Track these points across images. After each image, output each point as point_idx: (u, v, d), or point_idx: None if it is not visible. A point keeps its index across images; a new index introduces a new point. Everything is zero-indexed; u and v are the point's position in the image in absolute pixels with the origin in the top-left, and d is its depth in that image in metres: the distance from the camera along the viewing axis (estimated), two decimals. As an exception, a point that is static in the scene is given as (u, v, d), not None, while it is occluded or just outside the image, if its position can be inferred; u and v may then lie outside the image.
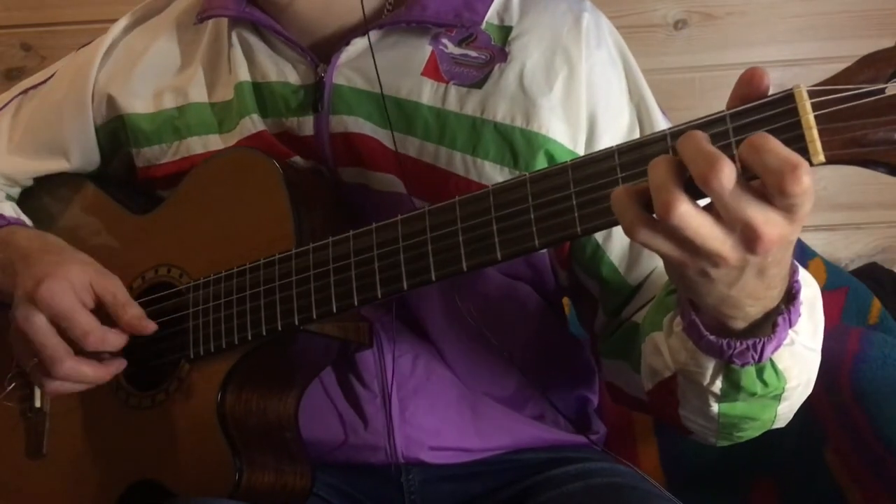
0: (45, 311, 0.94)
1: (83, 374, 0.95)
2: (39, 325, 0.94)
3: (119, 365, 0.98)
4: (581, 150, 0.98)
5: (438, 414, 1.04)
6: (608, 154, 0.72)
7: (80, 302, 0.95)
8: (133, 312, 0.97)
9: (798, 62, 1.70)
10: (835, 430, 1.18)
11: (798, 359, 0.79)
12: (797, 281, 0.75)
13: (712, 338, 0.76)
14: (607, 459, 1.11)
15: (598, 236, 0.99)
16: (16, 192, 1.19)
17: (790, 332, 0.76)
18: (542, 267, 1.05)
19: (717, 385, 0.81)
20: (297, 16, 1.02)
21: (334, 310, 0.87)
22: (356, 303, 0.86)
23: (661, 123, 1.00)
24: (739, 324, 0.75)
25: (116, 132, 1.13)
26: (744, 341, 0.75)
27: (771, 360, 0.77)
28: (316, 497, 1.02)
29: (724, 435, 0.90)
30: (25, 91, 1.20)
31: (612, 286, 1.00)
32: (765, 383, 0.79)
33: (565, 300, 1.16)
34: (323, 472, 1.03)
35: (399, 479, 1.05)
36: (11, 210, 1.14)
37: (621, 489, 0.99)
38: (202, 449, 0.95)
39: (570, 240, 0.88)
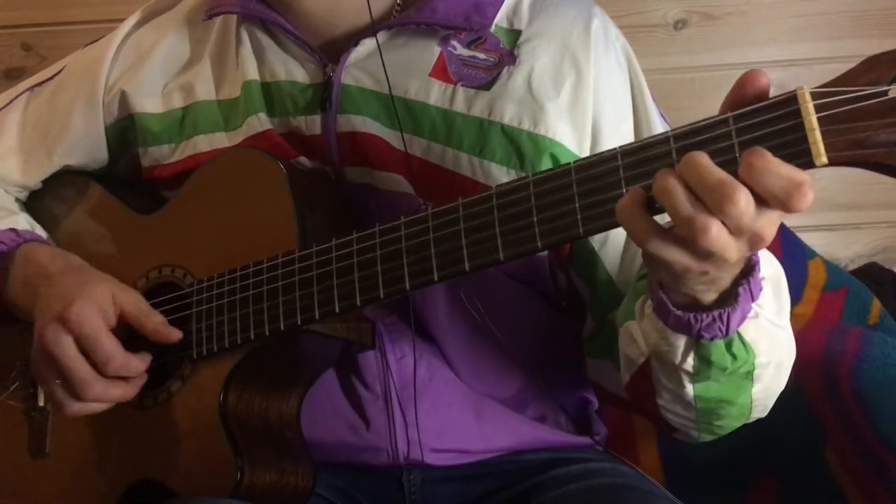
0: (73, 332, 0.93)
1: (112, 396, 0.95)
2: (68, 349, 0.93)
3: (141, 381, 0.97)
4: (586, 155, 0.98)
5: (441, 415, 1.04)
6: (611, 156, 0.72)
7: (107, 322, 0.95)
8: (156, 320, 0.97)
9: (798, 62, 1.70)
10: (835, 429, 1.18)
11: (764, 332, 0.82)
12: (754, 255, 0.77)
13: (679, 312, 0.78)
14: (609, 460, 1.11)
15: (595, 243, 1.00)
16: (24, 195, 1.19)
17: (754, 305, 0.79)
18: (541, 270, 1.05)
19: (690, 362, 0.83)
20: (306, 15, 1.02)
21: (337, 310, 0.87)
22: (359, 303, 0.86)
23: (659, 130, 1.00)
24: (711, 295, 0.77)
25: (126, 131, 1.13)
26: (710, 313, 0.78)
27: (738, 332, 0.80)
28: (317, 497, 1.02)
29: (704, 425, 0.92)
30: (32, 88, 1.20)
31: (603, 293, 1.01)
32: (734, 356, 0.82)
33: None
34: (325, 472, 1.03)
35: (400, 480, 1.05)
36: (26, 223, 1.13)
37: (622, 489, 0.99)
38: (204, 448, 0.95)
39: (573, 241, 0.88)
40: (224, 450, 0.92)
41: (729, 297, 0.77)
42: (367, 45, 1.01)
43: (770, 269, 0.83)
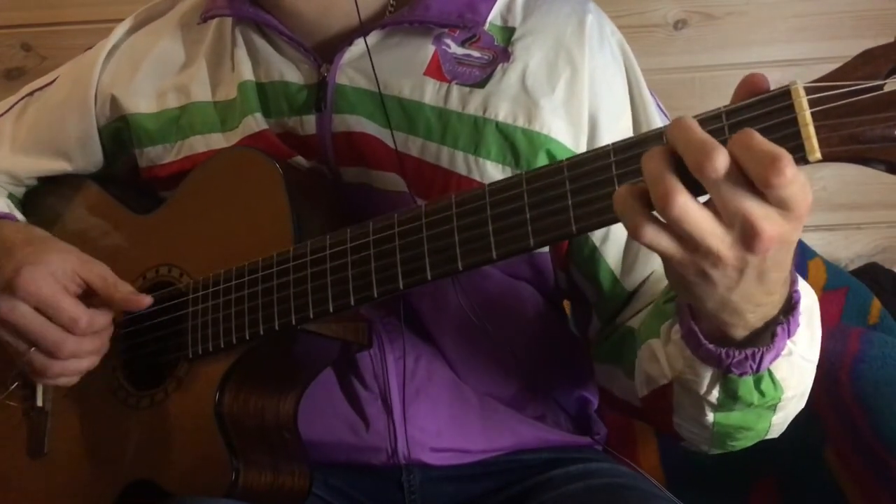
0: (27, 299, 0.94)
1: (86, 348, 0.95)
2: (26, 313, 0.94)
3: (109, 333, 0.97)
4: (582, 150, 0.98)
5: (440, 415, 1.04)
6: (604, 152, 0.72)
7: (64, 288, 0.95)
8: (125, 289, 0.97)
9: (798, 62, 1.70)
10: (835, 430, 1.18)
11: (795, 370, 0.79)
12: (797, 291, 0.74)
13: (711, 346, 0.75)
14: (608, 460, 1.11)
15: (596, 239, 1.00)
16: (20, 191, 1.19)
17: (788, 342, 0.76)
18: (543, 267, 1.05)
19: (714, 395, 0.80)
20: (298, 16, 1.02)
21: (331, 309, 0.87)
22: (352, 302, 0.86)
23: (658, 124, 1.00)
24: (740, 332, 0.74)
25: (120, 132, 1.13)
26: (742, 350, 0.75)
27: (769, 370, 0.77)
28: (315, 497, 1.02)
29: (716, 443, 0.89)
30: (31, 93, 1.21)
31: (608, 291, 1.01)
32: (762, 394, 0.79)
33: (566, 302, 1.16)
34: (323, 472, 1.03)
35: (400, 480, 1.05)
36: (4, 206, 1.14)
37: (622, 489, 0.99)
38: (199, 448, 0.95)
39: (566, 239, 0.88)
40: (219, 450, 0.92)
41: (764, 334, 0.75)
42: (361, 44, 1.01)
43: (806, 299, 0.77)
